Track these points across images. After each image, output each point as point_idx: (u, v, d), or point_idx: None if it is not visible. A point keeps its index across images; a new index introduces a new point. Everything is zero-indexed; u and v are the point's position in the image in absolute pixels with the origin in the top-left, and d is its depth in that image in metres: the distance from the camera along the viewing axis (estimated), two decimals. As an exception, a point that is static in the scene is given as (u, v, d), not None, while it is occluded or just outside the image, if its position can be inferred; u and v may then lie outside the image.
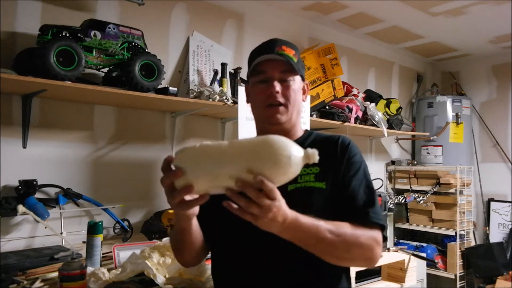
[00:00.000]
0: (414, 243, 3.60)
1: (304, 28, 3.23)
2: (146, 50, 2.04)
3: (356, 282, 2.30)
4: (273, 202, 0.81)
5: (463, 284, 3.47)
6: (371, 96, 3.41)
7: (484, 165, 4.13)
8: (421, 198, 3.52)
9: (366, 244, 0.99)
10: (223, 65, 2.43)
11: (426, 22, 3.23)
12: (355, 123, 3.00)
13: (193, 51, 2.49)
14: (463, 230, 3.43)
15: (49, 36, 1.74)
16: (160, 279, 1.39)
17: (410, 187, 3.68)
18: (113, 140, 2.21)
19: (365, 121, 3.16)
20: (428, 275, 3.09)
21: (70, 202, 2.00)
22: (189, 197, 0.87)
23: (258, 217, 0.81)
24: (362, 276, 2.37)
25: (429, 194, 3.50)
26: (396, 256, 2.61)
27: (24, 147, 1.89)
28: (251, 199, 0.79)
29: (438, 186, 3.47)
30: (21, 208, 1.73)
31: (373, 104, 3.21)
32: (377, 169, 3.79)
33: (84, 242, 1.75)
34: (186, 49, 2.50)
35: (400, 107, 3.50)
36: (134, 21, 2.19)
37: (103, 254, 1.63)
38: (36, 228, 1.90)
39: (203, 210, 1.16)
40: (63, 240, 1.88)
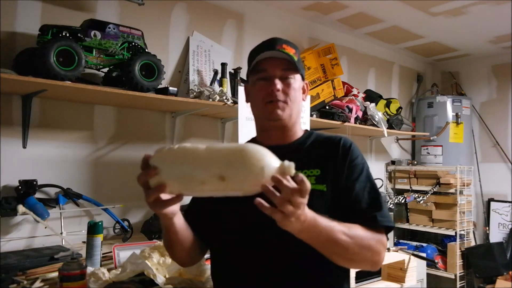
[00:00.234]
0: (414, 243, 3.60)
1: (304, 28, 3.23)
2: (146, 50, 2.04)
3: (356, 282, 2.30)
4: (304, 200, 0.80)
5: (463, 284, 3.47)
6: (371, 96, 3.41)
7: (484, 165, 4.13)
8: (421, 198, 3.52)
9: (375, 247, 0.99)
10: (223, 65, 2.43)
11: (426, 22, 3.23)
12: (355, 123, 3.00)
13: (193, 51, 2.49)
14: (463, 230, 3.43)
15: (49, 36, 1.74)
16: (160, 279, 1.39)
17: (410, 187, 3.68)
18: (113, 140, 2.21)
19: (365, 121, 3.16)
20: (428, 275, 3.09)
21: (70, 202, 2.00)
22: (166, 196, 0.87)
23: (288, 215, 0.79)
24: (362, 276, 2.36)
25: (429, 194, 3.50)
26: (396, 256, 2.60)
27: (24, 147, 1.89)
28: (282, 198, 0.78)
29: (438, 186, 3.47)
30: (21, 208, 1.73)
31: (373, 104, 3.21)
32: (377, 169, 3.79)
33: (84, 242, 1.75)
34: (186, 49, 2.50)
35: (400, 107, 3.50)
36: (134, 21, 2.19)
37: (103, 254, 1.63)
38: (36, 228, 1.90)
39: (198, 210, 1.17)
40: (63, 240, 1.88)
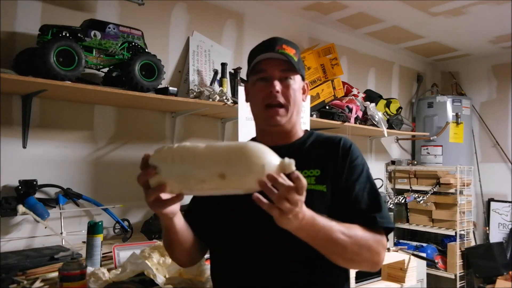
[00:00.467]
0: (414, 243, 3.60)
1: (304, 28, 3.23)
2: (146, 50, 2.04)
3: (356, 282, 2.30)
4: (301, 198, 0.80)
5: (463, 284, 3.47)
6: (371, 96, 3.40)
7: (484, 165, 4.13)
8: (421, 198, 3.52)
9: (374, 247, 0.99)
10: (223, 65, 2.43)
11: (426, 22, 3.23)
12: (355, 123, 3.00)
13: (193, 51, 2.49)
14: (463, 230, 3.43)
15: (49, 36, 1.74)
16: (160, 279, 1.39)
17: (410, 187, 3.68)
18: (113, 140, 2.21)
19: (365, 121, 3.16)
20: (428, 275, 3.09)
21: (70, 202, 2.00)
22: (166, 196, 0.87)
23: (285, 213, 0.79)
24: (362, 276, 2.36)
25: (429, 194, 3.50)
26: (396, 256, 2.60)
27: (24, 147, 1.89)
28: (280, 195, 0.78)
29: (438, 186, 3.47)
30: (21, 208, 1.73)
31: (373, 104, 3.21)
32: (377, 169, 3.79)
33: (84, 242, 1.75)
34: (186, 49, 2.50)
35: (400, 107, 3.50)
36: (134, 21, 2.19)
37: (103, 254, 1.63)
38: (36, 228, 1.90)
39: (198, 210, 1.17)
40: (63, 240, 1.88)
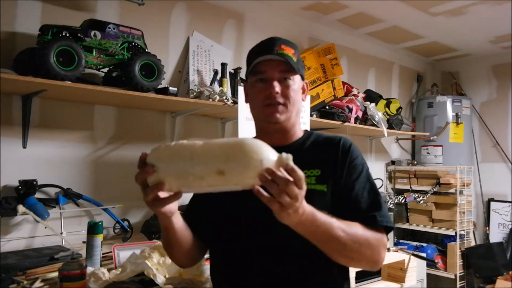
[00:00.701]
0: (414, 243, 3.60)
1: (304, 28, 3.23)
2: (146, 50, 2.04)
3: (356, 282, 2.30)
4: (301, 192, 0.80)
5: (463, 284, 3.47)
6: (371, 96, 3.40)
7: (484, 165, 4.13)
8: (421, 198, 3.52)
9: (374, 246, 0.99)
10: (223, 65, 2.43)
11: (426, 22, 3.23)
12: (355, 123, 3.00)
13: (193, 51, 2.49)
14: (463, 230, 3.43)
15: (49, 36, 1.74)
16: (160, 279, 1.39)
17: (410, 187, 3.68)
18: (113, 140, 2.21)
19: (365, 121, 3.16)
20: (428, 275, 3.09)
21: (70, 202, 2.00)
22: (164, 194, 0.87)
23: (285, 207, 0.79)
24: (362, 276, 2.36)
25: (429, 194, 3.50)
26: (396, 256, 2.60)
27: (24, 147, 1.89)
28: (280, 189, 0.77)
29: (438, 186, 3.47)
30: (21, 208, 1.73)
31: (373, 104, 3.21)
32: (377, 169, 3.79)
33: (84, 242, 1.75)
34: (186, 49, 2.50)
35: (400, 107, 3.50)
36: (134, 21, 2.19)
37: (103, 254, 1.63)
38: (36, 228, 1.90)
39: (197, 211, 1.17)
40: (63, 240, 1.88)
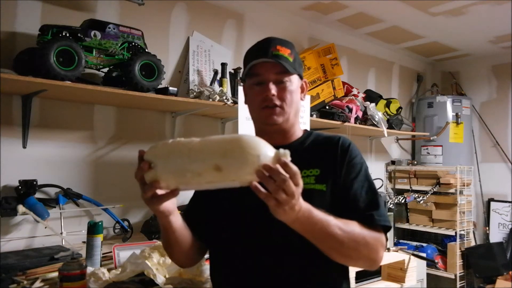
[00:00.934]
0: (414, 243, 3.60)
1: (304, 28, 3.23)
2: (146, 50, 2.04)
3: (356, 282, 2.30)
4: (298, 189, 0.80)
5: (463, 284, 3.47)
6: (371, 96, 3.40)
7: (484, 165, 4.13)
8: (421, 198, 3.52)
9: (372, 245, 0.99)
10: (223, 65, 2.43)
11: (426, 22, 3.23)
12: (355, 123, 3.00)
13: (193, 51, 2.49)
14: (463, 230, 3.43)
15: (49, 36, 1.74)
16: (160, 279, 1.39)
17: (410, 187, 3.68)
18: (113, 140, 2.21)
19: (365, 121, 3.16)
20: (428, 275, 3.09)
21: (70, 202, 2.00)
22: (162, 192, 0.88)
23: (282, 203, 0.79)
24: (362, 276, 2.37)
25: (429, 194, 3.50)
26: (396, 256, 2.60)
27: (24, 147, 1.89)
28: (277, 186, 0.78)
29: (438, 186, 3.47)
30: (21, 208, 1.73)
31: (373, 104, 3.21)
32: (377, 169, 3.79)
33: (84, 242, 1.75)
34: (186, 49, 2.50)
35: (400, 107, 3.50)
36: (134, 21, 2.19)
37: (103, 254, 1.63)
38: (36, 228, 1.90)
39: (197, 211, 1.17)
40: (63, 240, 1.88)
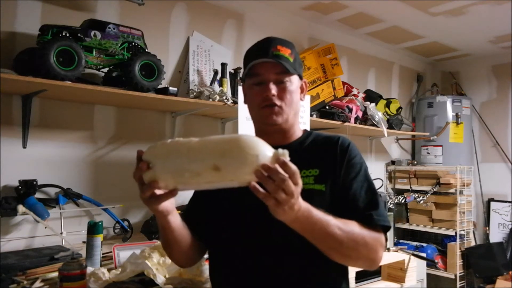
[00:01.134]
0: (414, 243, 3.60)
1: (304, 28, 3.23)
2: (146, 50, 2.04)
3: (356, 282, 2.30)
4: (297, 188, 0.80)
5: (463, 284, 3.47)
6: (371, 96, 3.40)
7: (484, 165, 4.13)
8: (421, 198, 3.52)
9: (372, 244, 0.99)
10: (223, 65, 2.43)
11: (426, 22, 3.23)
12: (355, 123, 3.00)
13: (193, 51, 2.49)
14: (463, 230, 3.43)
15: (49, 36, 1.74)
16: (160, 279, 1.39)
17: (410, 187, 3.68)
18: (113, 140, 2.21)
19: (365, 121, 3.16)
20: (428, 275, 3.09)
21: (70, 202, 2.00)
22: (161, 192, 0.88)
23: (281, 203, 0.79)
24: (362, 276, 2.36)
25: (429, 194, 3.50)
26: (396, 256, 2.60)
27: (24, 147, 1.89)
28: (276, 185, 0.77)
29: (438, 186, 3.47)
30: (21, 208, 1.73)
31: (373, 104, 3.21)
32: (377, 169, 3.79)
33: (84, 242, 1.75)
34: (186, 49, 2.50)
35: (400, 107, 3.50)
36: (134, 21, 2.19)
37: (103, 254, 1.63)
38: (36, 228, 1.90)
39: (196, 211, 1.17)
40: (63, 240, 1.88)
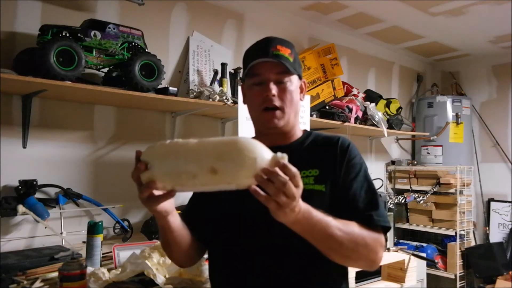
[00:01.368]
0: (414, 243, 3.60)
1: (304, 28, 3.23)
2: (146, 50, 2.04)
3: (356, 282, 2.30)
4: (298, 191, 0.79)
5: (463, 284, 3.47)
6: (371, 96, 3.40)
7: (484, 165, 4.13)
8: (421, 198, 3.52)
9: (372, 245, 0.99)
10: (223, 65, 2.43)
11: (426, 22, 3.23)
12: (355, 123, 3.00)
13: (193, 51, 2.49)
14: (463, 230, 3.43)
15: (49, 36, 1.74)
16: (160, 279, 1.39)
17: (410, 187, 3.68)
18: (113, 140, 2.21)
19: (365, 121, 3.16)
20: (428, 275, 3.09)
21: (70, 202, 2.00)
22: (159, 192, 0.87)
23: (282, 206, 0.78)
24: (362, 276, 2.36)
25: (429, 194, 3.50)
26: (396, 256, 2.60)
27: (24, 147, 1.89)
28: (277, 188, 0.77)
29: (438, 186, 3.47)
30: (21, 208, 1.73)
31: (373, 104, 3.21)
32: (377, 169, 3.79)
33: (84, 242, 1.75)
34: (186, 49, 2.50)
35: (400, 107, 3.50)
36: (134, 21, 2.19)
37: (103, 254, 1.63)
38: (36, 228, 1.90)
39: (196, 211, 1.17)
40: (63, 240, 1.88)
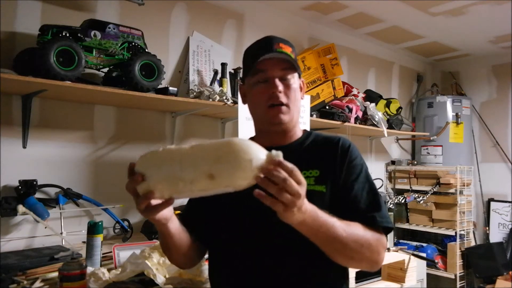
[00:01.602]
0: (414, 243, 3.60)
1: (304, 28, 3.23)
2: (146, 50, 2.04)
3: (356, 282, 2.30)
4: (302, 188, 0.78)
5: (463, 284, 3.47)
6: (371, 96, 3.40)
7: (484, 165, 4.13)
8: (421, 198, 3.52)
9: (375, 246, 0.99)
10: (223, 65, 2.43)
11: (426, 22, 3.23)
12: (355, 123, 3.00)
13: (193, 51, 2.49)
14: (463, 230, 3.43)
15: (49, 36, 1.74)
16: (160, 279, 1.39)
17: (410, 187, 3.68)
18: (113, 140, 2.21)
19: (365, 121, 3.16)
20: (428, 275, 3.09)
21: (70, 202, 2.00)
22: (157, 201, 0.85)
23: (289, 206, 0.77)
24: (362, 276, 2.36)
25: (429, 194, 3.50)
26: (396, 256, 2.60)
27: (24, 147, 1.89)
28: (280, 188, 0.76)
29: (438, 186, 3.47)
30: (21, 208, 1.73)
31: (373, 104, 3.21)
32: (377, 169, 3.79)
33: (84, 242, 1.75)
34: (186, 49, 2.50)
35: (400, 107, 3.50)
36: (134, 21, 2.19)
37: (103, 254, 1.63)
38: (36, 228, 1.90)
39: (195, 212, 1.16)
40: (63, 240, 1.88)
